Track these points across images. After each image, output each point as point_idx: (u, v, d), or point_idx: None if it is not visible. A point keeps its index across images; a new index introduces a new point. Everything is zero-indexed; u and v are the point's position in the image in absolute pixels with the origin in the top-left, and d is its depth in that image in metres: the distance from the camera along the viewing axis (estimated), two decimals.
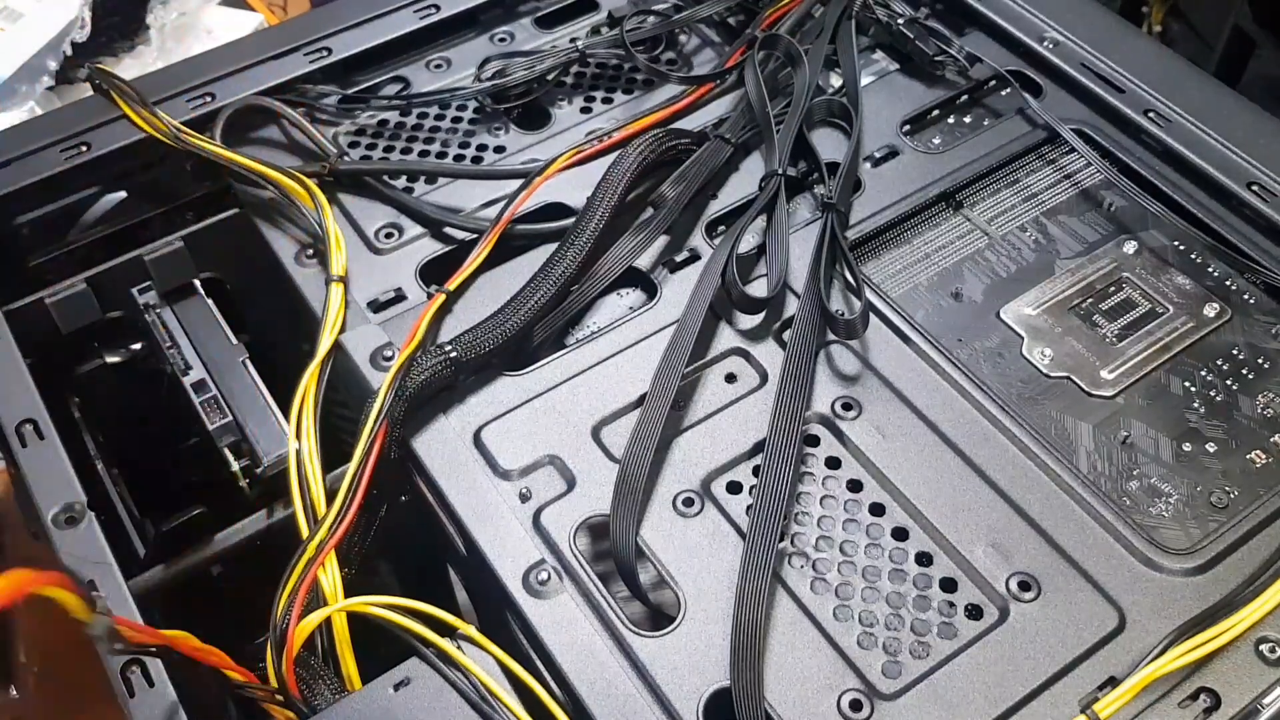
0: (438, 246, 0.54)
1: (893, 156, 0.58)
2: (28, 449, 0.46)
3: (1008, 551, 0.43)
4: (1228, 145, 0.56)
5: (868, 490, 0.46)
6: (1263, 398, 0.49)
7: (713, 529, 0.44)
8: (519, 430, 0.47)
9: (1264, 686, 0.40)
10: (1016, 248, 0.55)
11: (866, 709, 0.40)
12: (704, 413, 0.48)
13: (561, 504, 0.45)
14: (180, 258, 0.55)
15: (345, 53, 0.62)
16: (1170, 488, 0.46)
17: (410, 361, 0.47)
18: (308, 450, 0.45)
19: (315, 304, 0.51)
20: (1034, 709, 0.40)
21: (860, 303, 0.50)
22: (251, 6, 0.93)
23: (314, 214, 0.53)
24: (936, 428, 0.47)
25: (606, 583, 0.43)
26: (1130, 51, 0.60)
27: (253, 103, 0.59)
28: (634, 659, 0.41)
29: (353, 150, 0.59)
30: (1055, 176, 0.58)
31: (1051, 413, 0.48)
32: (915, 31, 0.62)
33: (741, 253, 0.52)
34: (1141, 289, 0.53)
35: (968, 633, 0.42)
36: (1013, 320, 0.52)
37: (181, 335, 0.53)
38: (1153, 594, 0.42)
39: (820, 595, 0.43)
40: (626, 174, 0.53)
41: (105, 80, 0.58)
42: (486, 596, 0.45)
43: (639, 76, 0.63)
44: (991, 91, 0.62)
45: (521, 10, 0.67)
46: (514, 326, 0.48)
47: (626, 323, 0.51)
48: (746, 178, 0.57)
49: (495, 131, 0.61)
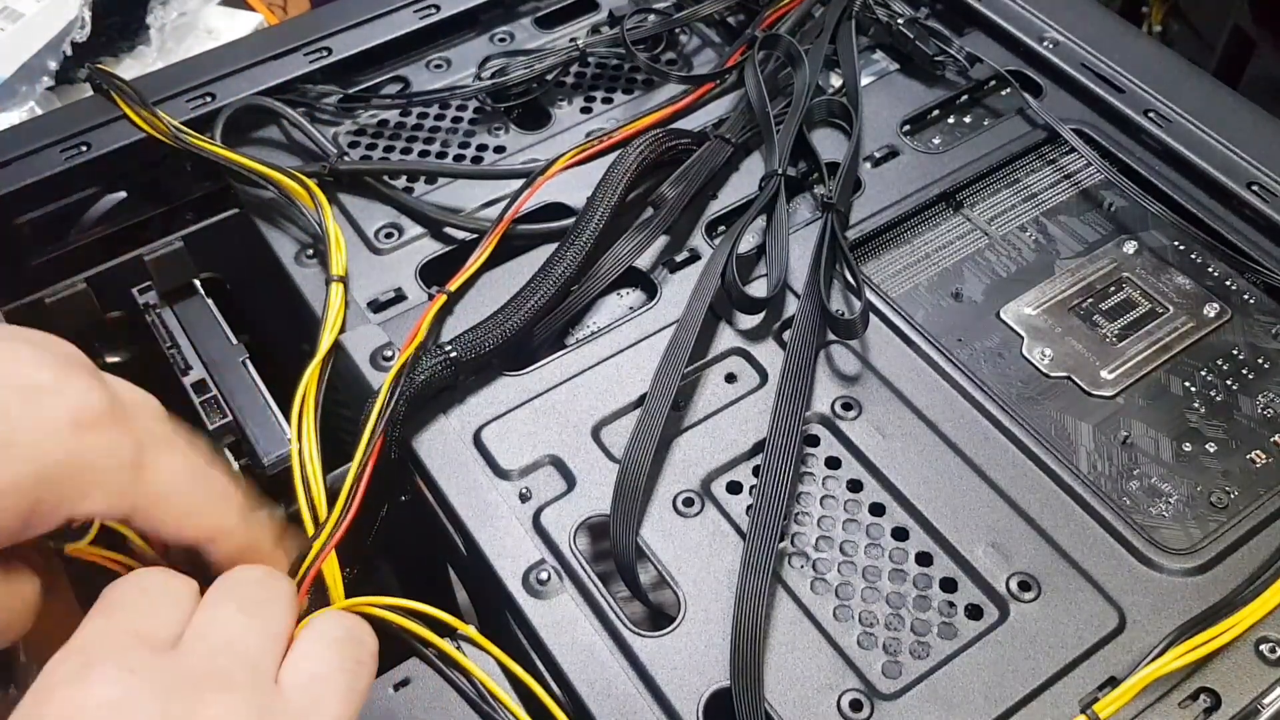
0: (438, 246, 0.54)
1: (893, 156, 0.58)
2: None
3: (1008, 551, 0.43)
4: (1228, 145, 0.56)
5: (868, 490, 0.46)
6: (1263, 398, 0.49)
7: (713, 529, 0.44)
8: (519, 430, 0.47)
9: (1264, 686, 0.40)
10: (1016, 248, 0.55)
11: (866, 709, 0.40)
12: (704, 413, 0.48)
13: (561, 504, 0.45)
14: (180, 258, 0.55)
15: (345, 53, 0.62)
16: (1170, 488, 0.46)
17: (411, 362, 0.47)
18: (308, 450, 0.45)
19: (315, 304, 0.51)
20: (1034, 709, 0.40)
21: (860, 303, 0.50)
22: (251, 6, 0.93)
23: (314, 214, 0.53)
24: (936, 428, 0.47)
25: (606, 583, 0.43)
26: (1130, 51, 0.60)
27: (253, 103, 0.59)
28: (634, 659, 0.41)
29: (353, 150, 0.59)
30: (1055, 176, 0.58)
31: (1051, 413, 0.48)
32: (915, 31, 0.62)
33: (741, 253, 0.52)
34: (1141, 289, 0.53)
35: (968, 633, 0.42)
36: (1013, 320, 0.52)
37: (181, 335, 0.53)
38: (1153, 594, 0.42)
39: (820, 595, 0.43)
40: (626, 174, 0.53)
41: (105, 80, 0.58)
42: (486, 596, 0.45)
43: (639, 76, 0.63)
44: (991, 91, 0.62)
45: (521, 10, 0.67)
46: (514, 326, 0.48)
47: (626, 323, 0.51)
48: (746, 178, 0.57)
49: (495, 131, 0.61)
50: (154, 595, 0.33)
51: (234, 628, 0.32)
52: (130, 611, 0.32)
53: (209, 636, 0.32)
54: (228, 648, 0.31)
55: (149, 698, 0.29)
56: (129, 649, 0.31)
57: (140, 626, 0.31)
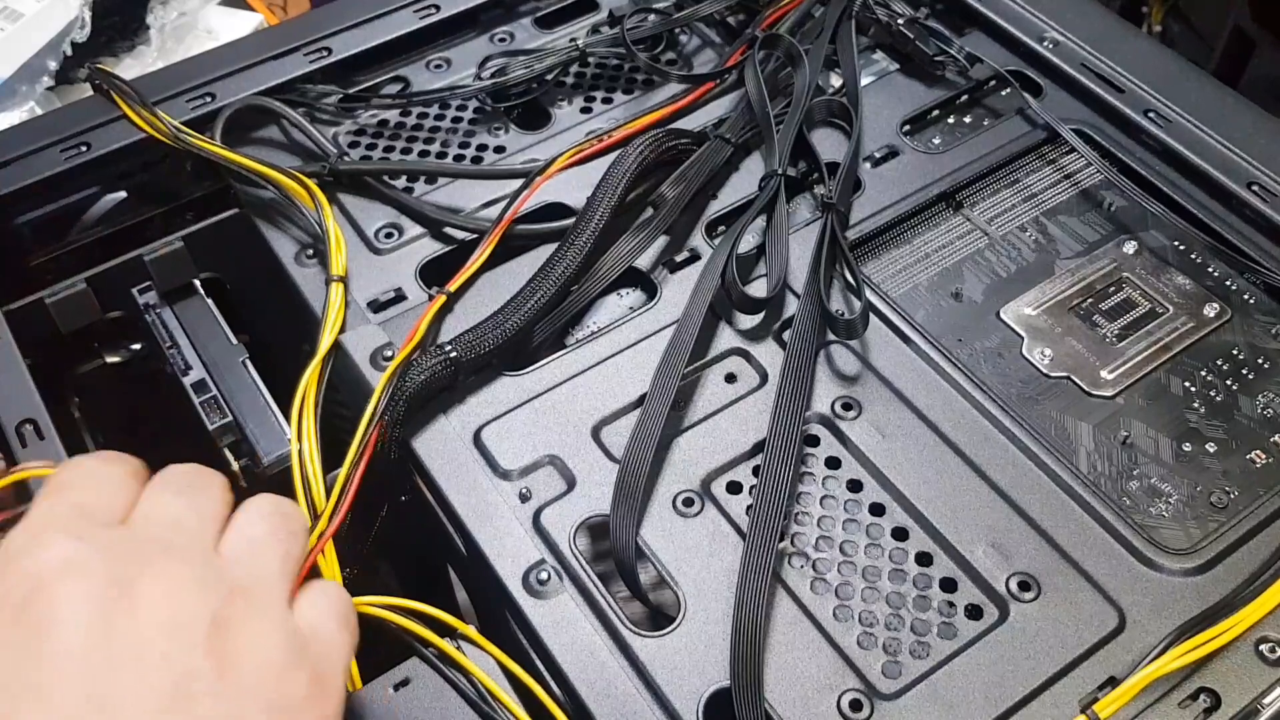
0: (438, 246, 0.54)
1: (893, 156, 0.58)
2: (28, 449, 0.46)
3: (1008, 551, 0.43)
4: (1228, 145, 0.56)
5: (868, 490, 0.46)
6: (1263, 398, 0.49)
7: (713, 529, 0.44)
8: (519, 430, 0.47)
9: (1264, 686, 0.40)
10: (1016, 248, 0.55)
11: (866, 709, 0.40)
12: (704, 413, 0.48)
13: (561, 504, 0.45)
14: (180, 258, 0.55)
15: (345, 53, 0.62)
16: (1170, 488, 0.46)
17: (409, 361, 0.47)
18: (308, 450, 0.45)
19: (315, 304, 0.51)
20: (1034, 709, 0.40)
21: (860, 303, 0.50)
22: (251, 6, 0.93)
23: (314, 214, 0.53)
24: (936, 428, 0.47)
25: (606, 583, 0.43)
26: (1130, 51, 0.60)
27: (253, 103, 0.59)
28: (634, 659, 0.41)
29: (353, 150, 0.59)
30: (1055, 176, 0.58)
31: (1051, 413, 0.48)
32: (915, 31, 0.62)
33: (741, 253, 0.52)
34: (1141, 289, 0.53)
35: (968, 633, 0.42)
36: (1013, 320, 0.52)
37: (181, 335, 0.53)
38: (1153, 594, 0.42)
39: (820, 595, 0.43)
40: (626, 174, 0.53)
41: (105, 80, 0.58)
42: (486, 596, 0.45)
43: (639, 76, 0.63)
44: (991, 91, 0.62)
45: (521, 10, 0.67)
46: (514, 326, 0.48)
47: (626, 323, 0.51)
48: (746, 178, 0.57)
49: (495, 131, 0.61)
50: (98, 477, 0.34)
51: (175, 508, 0.34)
52: (75, 491, 0.34)
53: (152, 516, 0.34)
54: (172, 524, 0.33)
55: (98, 561, 0.31)
56: (76, 520, 0.32)
57: (85, 502, 0.33)
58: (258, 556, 0.34)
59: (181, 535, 0.33)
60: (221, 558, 0.33)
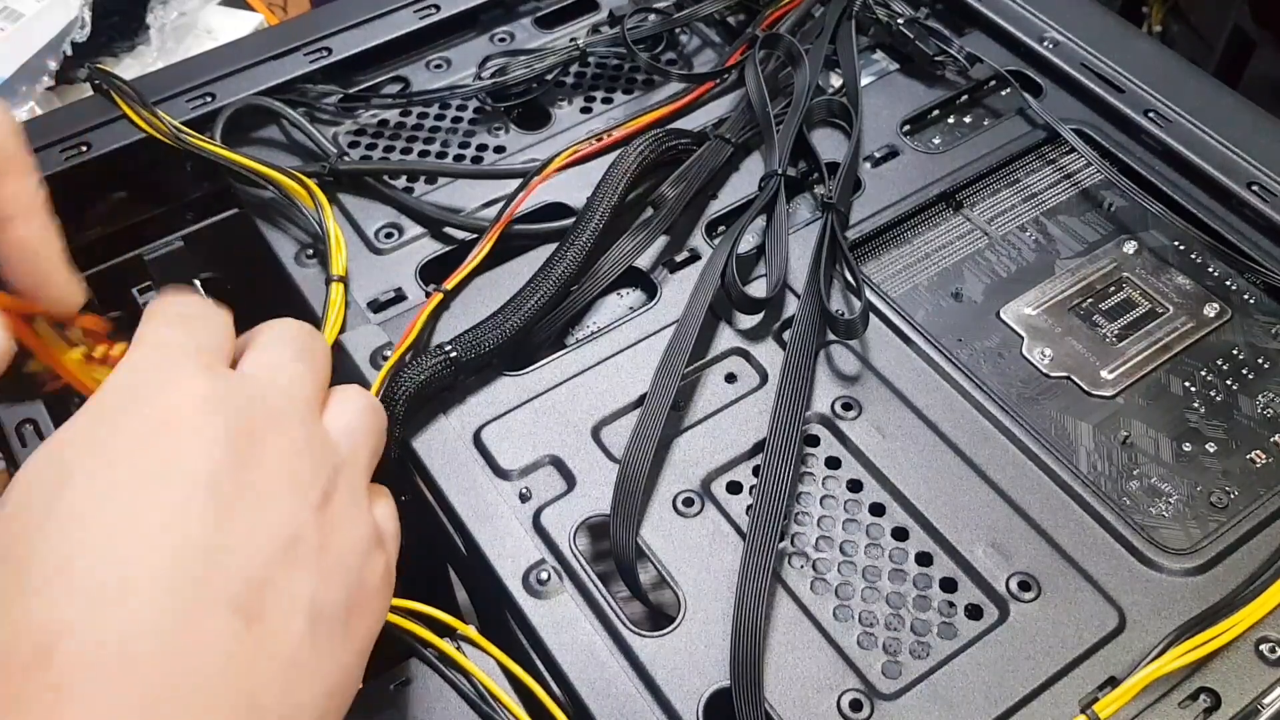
0: (438, 246, 0.54)
1: (893, 156, 0.58)
2: (28, 449, 0.46)
3: (1008, 551, 0.43)
4: (1228, 145, 0.56)
5: (868, 490, 0.46)
6: (1263, 398, 0.49)
7: (713, 529, 0.44)
8: (519, 430, 0.47)
9: (1264, 686, 0.40)
10: (1016, 248, 0.55)
11: (866, 709, 0.40)
12: (704, 413, 0.48)
13: (561, 504, 0.45)
14: (180, 257, 0.55)
15: (345, 53, 0.62)
16: (1170, 488, 0.46)
17: (404, 359, 0.47)
18: None
19: (315, 304, 0.51)
20: (1034, 709, 0.40)
21: (860, 303, 0.50)
22: (251, 6, 0.93)
23: (314, 214, 0.53)
24: (936, 428, 0.47)
25: (606, 583, 0.43)
26: (1130, 51, 0.60)
27: (253, 103, 0.59)
28: (634, 659, 0.41)
29: (353, 150, 0.59)
30: (1055, 176, 0.58)
31: (1051, 413, 0.48)
32: (915, 31, 0.62)
33: (741, 253, 0.52)
34: (1141, 289, 0.53)
35: (968, 633, 0.42)
36: (1013, 320, 0.52)
37: None
38: (1153, 594, 0.42)
39: (820, 595, 0.43)
40: (626, 174, 0.53)
41: (105, 80, 0.58)
42: (486, 596, 0.45)
43: (639, 76, 0.63)
44: (991, 91, 0.62)
45: (521, 10, 0.66)
46: (514, 326, 0.48)
47: (626, 323, 0.51)
48: (746, 178, 0.57)
49: (495, 131, 0.61)
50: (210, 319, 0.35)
51: (295, 370, 0.35)
52: (193, 325, 0.34)
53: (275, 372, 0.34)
54: (290, 386, 0.34)
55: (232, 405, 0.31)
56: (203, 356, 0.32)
57: (203, 342, 0.33)
58: (355, 445, 0.35)
59: (298, 400, 0.34)
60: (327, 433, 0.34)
